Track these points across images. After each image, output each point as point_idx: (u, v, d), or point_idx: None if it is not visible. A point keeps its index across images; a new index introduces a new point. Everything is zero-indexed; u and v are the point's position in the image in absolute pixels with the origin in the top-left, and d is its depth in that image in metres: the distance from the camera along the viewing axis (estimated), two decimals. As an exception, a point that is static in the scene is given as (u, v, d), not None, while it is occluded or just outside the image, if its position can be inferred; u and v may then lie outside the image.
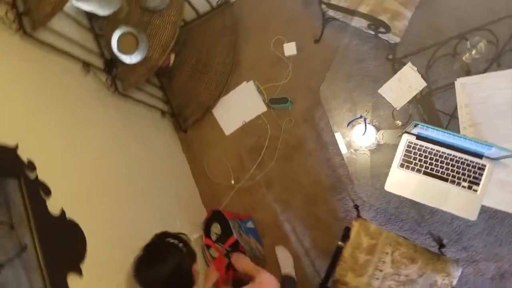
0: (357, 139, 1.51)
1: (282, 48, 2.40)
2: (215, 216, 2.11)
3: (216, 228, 2.09)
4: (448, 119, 1.45)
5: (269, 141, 2.37)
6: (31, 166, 1.07)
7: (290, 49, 2.39)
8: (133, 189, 1.68)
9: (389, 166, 1.45)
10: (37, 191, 1.05)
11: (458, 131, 1.38)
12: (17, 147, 1.05)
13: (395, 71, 1.59)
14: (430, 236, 1.98)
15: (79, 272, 1.10)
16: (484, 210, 1.37)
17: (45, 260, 0.97)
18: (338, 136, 1.55)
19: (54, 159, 1.24)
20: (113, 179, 1.56)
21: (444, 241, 1.96)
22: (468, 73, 1.43)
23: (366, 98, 1.56)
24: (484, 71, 1.41)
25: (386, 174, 1.42)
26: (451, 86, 1.45)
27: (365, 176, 1.56)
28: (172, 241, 1.30)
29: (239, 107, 2.45)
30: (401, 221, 2.05)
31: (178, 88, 2.43)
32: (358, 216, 1.79)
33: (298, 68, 2.37)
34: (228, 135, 2.46)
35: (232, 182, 2.39)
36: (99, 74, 1.73)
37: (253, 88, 2.43)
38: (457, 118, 1.41)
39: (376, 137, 1.48)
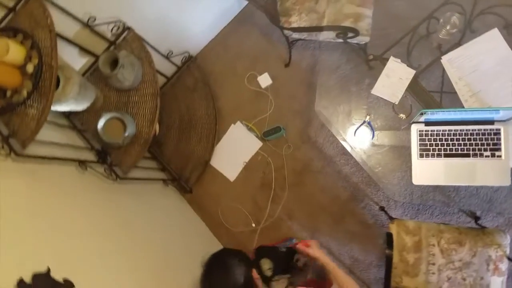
0: (366, 143, 1.51)
1: (257, 82, 2.43)
2: (259, 254, 1.96)
3: (266, 263, 1.94)
4: (440, 96, 1.48)
5: (275, 173, 2.35)
6: (69, 284, 1.04)
7: (264, 80, 2.42)
8: (157, 265, 1.62)
9: (401, 160, 1.45)
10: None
11: (458, 106, 1.40)
12: (49, 270, 1.02)
13: (371, 68, 1.62)
14: (462, 212, 1.97)
15: None
16: None
17: None
18: (347, 147, 1.55)
19: (87, 267, 1.20)
20: (140, 267, 1.51)
21: (478, 213, 1.95)
22: (444, 48, 1.47)
23: (362, 102, 1.57)
24: (460, 41, 1.45)
25: (401, 169, 1.42)
26: (433, 65, 1.48)
27: (384, 176, 1.55)
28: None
29: (236, 150, 2.44)
30: (430, 207, 2.03)
31: (171, 152, 2.41)
32: (389, 217, 1.76)
33: (278, 96, 2.40)
34: (233, 181, 2.43)
35: (253, 225, 2.35)
36: (96, 167, 1.70)
37: (242, 128, 2.44)
38: (447, 92, 1.43)
39: (371, 139, 1.49)
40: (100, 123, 1.66)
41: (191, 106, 2.41)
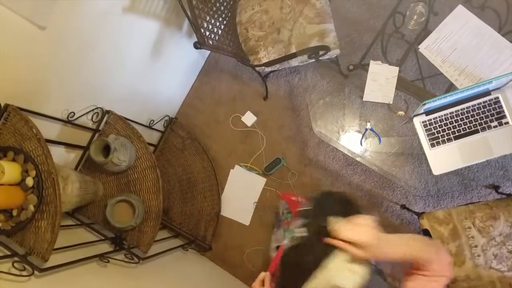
0: (375, 150, 1.52)
1: (242, 122, 2.44)
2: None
3: None
4: (422, 83, 1.52)
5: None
6: None
7: (249, 118, 2.44)
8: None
9: (410, 154, 1.47)
10: None
11: (441, 87, 1.44)
12: None
13: (347, 77, 1.66)
14: (481, 187, 1.98)
15: None
16: None
17: None
18: (358, 158, 1.55)
19: None
20: None
21: (496, 183, 1.97)
22: (416, 38, 1.52)
23: (353, 111, 1.60)
24: (426, 26, 1.50)
25: (408, 163, 1.43)
26: (407, 55, 1.53)
27: (401, 175, 1.56)
28: None
29: (243, 194, 2.41)
30: (450, 192, 2.04)
31: (180, 216, 2.35)
32: (414, 213, 1.76)
33: (267, 129, 2.41)
34: (249, 225, 2.39)
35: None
36: (115, 256, 1.64)
37: (242, 171, 2.42)
38: (428, 77, 1.47)
39: (379, 144, 1.50)
40: (108, 211, 1.62)
41: (186, 165, 2.38)
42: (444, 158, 1.37)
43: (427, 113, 1.39)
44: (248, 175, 2.41)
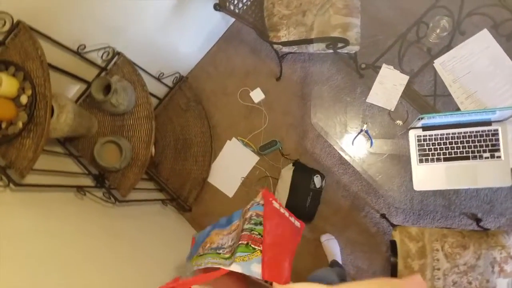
0: (365, 152, 1.52)
1: (250, 98, 2.44)
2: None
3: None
4: (433, 100, 1.49)
5: (274, 186, 2.34)
6: None
7: (257, 95, 2.44)
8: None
9: (400, 166, 1.46)
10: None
11: (452, 108, 1.41)
12: None
13: (362, 76, 1.64)
14: (464, 215, 1.97)
15: None
16: None
17: None
18: (346, 156, 1.55)
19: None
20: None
21: (479, 215, 1.96)
22: (434, 52, 1.49)
23: (355, 110, 1.59)
24: (450, 43, 1.47)
25: (401, 175, 1.42)
26: (424, 69, 1.50)
27: (383, 184, 1.55)
28: None
29: (233, 167, 2.44)
30: (431, 212, 2.04)
31: (168, 173, 2.40)
32: (391, 224, 1.76)
33: (272, 109, 2.41)
34: (232, 197, 2.42)
35: (255, 241, 2.32)
36: (94, 192, 1.69)
37: (238, 144, 2.44)
38: (440, 96, 1.45)
39: (372, 148, 1.50)
40: (96, 148, 1.66)
41: (185, 125, 2.41)
42: (428, 176, 1.37)
43: (424, 128, 1.38)
44: (242, 150, 2.43)
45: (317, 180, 2.15)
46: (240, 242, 1.02)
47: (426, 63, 1.54)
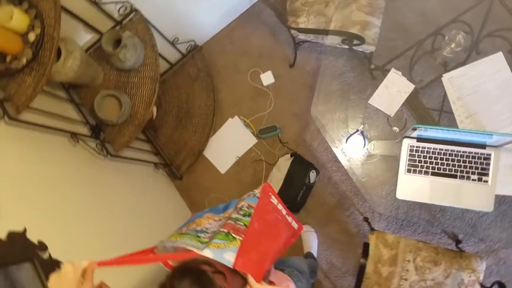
0: (357, 152, 1.52)
1: (259, 79, 2.44)
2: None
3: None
4: (439, 115, 1.48)
5: (266, 171, 2.36)
6: (43, 246, 1.07)
7: (267, 78, 2.43)
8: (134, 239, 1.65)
9: (391, 173, 1.45)
10: (53, 269, 1.04)
11: (455, 126, 1.40)
12: (25, 231, 1.05)
13: (375, 78, 1.62)
14: (445, 234, 1.98)
15: None
16: None
17: None
18: (338, 153, 1.56)
19: (63, 234, 1.22)
20: (122, 243, 1.53)
21: (460, 237, 1.96)
22: (447, 66, 1.47)
23: (358, 111, 1.58)
24: (465, 61, 1.45)
25: (391, 182, 1.42)
26: (435, 82, 1.48)
27: (371, 187, 1.56)
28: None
29: (230, 144, 2.45)
30: (414, 224, 2.04)
31: (166, 138, 2.43)
32: (371, 228, 1.77)
33: (279, 95, 2.40)
34: (224, 174, 2.45)
35: (238, 220, 2.36)
36: (88, 142, 1.72)
37: (239, 123, 2.45)
38: (447, 112, 1.43)
39: (367, 148, 1.49)
40: (97, 100, 1.68)
41: (191, 95, 2.42)
42: (412, 187, 1.37)
43: (419, 139, 1.37)
44: (242, 129, 2.43)
45: (312, 175, 2.17)
46: (221, 229, 0.99)
47: (438, 77, 1.51)
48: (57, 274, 0.76)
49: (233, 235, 0.92)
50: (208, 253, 0.85)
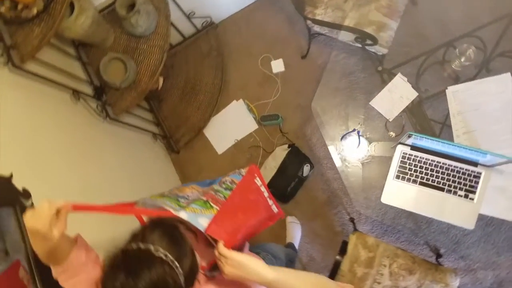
0: (350, 152, 1.52)
1: (269, 66, 2.43)
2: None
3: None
4: (441, 128, 1.46)
5: (262, 158, 2.37)
6: (26, 194, 1.08)
7: (277, 66, 2.42)
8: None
9: (383, 177, 1.46)
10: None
11: (451, 140, 1.39)
12: (11, 176, 1.06)
13: (384, 82, 1.61)
14: (427, 246, 1.98)
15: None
16: (480, 218, 1.36)
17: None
18: (331, 149, 1.56)
19: (49, 186, 1.24)
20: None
21: (441, 251, 1.96)
22: (457, 80, 1.45)
23: (358, 111, 1.57)
24: (474, 77, 1.43)
25: (381, 186, 1.42)
26: (442, 94, 1.46)
27: (360, 189, 1.56)
28: (163, 255, 0.78)
29: (230, 126, 2.46)
30: (398, 232, 2.05)
31: (169, 111, 2.44)
32: (355, 229, 1.78)
33: (287, 85, 2.40)
34: (220, 154, 2.46)
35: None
36: (89, 101, 1.73)
37: (243, 107, 2.45)
38: (449, 126, 1.42)
39: (368, 149, 1.49)
40: (104, 61, 1.69)
41: (200, 72, 2.42)
42: (398, 194, 1.37)
43: (413, 148, 1.37)
44: (245, 113, 2.44)
45: (306, 169, 2.17)
46: (201, 197, 1.01)
47: (444, 89, 1.50)
48: (33, 210, 0.79)
49: (211, 203, 0.95)
50: (183, 215, 0.88)
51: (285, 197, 2.22)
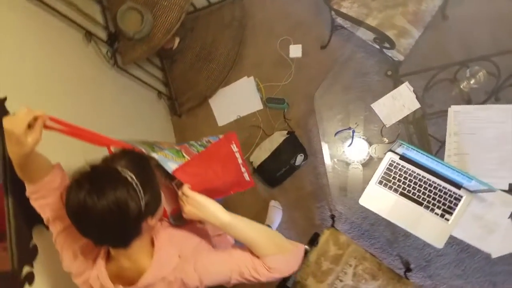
0: (340, 149, 1.52)
1: (287, 49, 2.41)
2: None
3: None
4: (439, 146, 1.44)
5: (259, 139, 2.37)
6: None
7: (295, 51, 2.40)
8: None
9: (368, 181, 1.46)
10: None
11: (442, 158, 1.39)
12: (5, 99, 1.07)
13: (395, 86, 1.59)
14: (399, 258, 1.99)
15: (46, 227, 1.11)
16: (457, 242, 1.36)
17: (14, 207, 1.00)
18: (324, 145, 1.57)
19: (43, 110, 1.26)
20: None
21: (412, 266, 1.97)
22: (466, 101, 1.43)
23: (360, 112, 1.56)
24: (483, 103, 1.41)
25: (361, 188, 1.43)
26: (446, 112, 1.45)
27: (345, 189, 1.57)
28: (129, 177, 0.79)
29: (236, 101, 2.46)
30: (374, 238, 2.06)
31: (179, 73, 2.44)
32: (332, 225, 1.80)
33: (300, 72, 2.38)
34: (220, 126, 2.48)
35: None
36: (100, 46, 1.75)
37: (252, 85, 2.44)
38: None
39: (368, 151, 1.49)
40: (122, 9, 1.69)
41: (218, 40, 2.40)
42: (377, 199, 1.37)
43: (402, 157, 1.37)
44: (253, 91, 2.43)
45: (299, 158, 2.18)
46: (175, 147, 1.05)
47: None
48: (12, 115, 0.83)
49: (183, 153, 1.00)
50: (154, 156, 0.93)
51: (273, 181, 2.24)
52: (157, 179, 0.88)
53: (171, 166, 0.92)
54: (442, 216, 1.31)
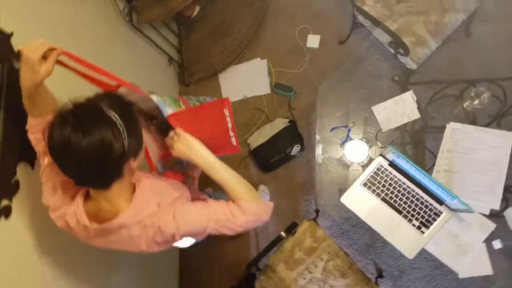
0: (333, 145, 1.53)
1: (305, 38, 2.38)
2: None
3: None
4: (434, 161, 1.44)
5: (261, 123, 2.38)
6: (19, 56, 1.09)
7: (313, 41, 2.37)
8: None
9: (341, 174, 1.47)
10: (17, 80, 1.07)
11: (431, 172, 1.39)
12: (11, 34, 1.08)
13: (403, 91, 1.57)
14: (373, 264, 2.01)
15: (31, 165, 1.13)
16: (432, 258, 1.37)
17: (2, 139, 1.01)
18: (317, 138, 1.57)
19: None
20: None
21: (384, 273, 1.99)
22: (469, 121, 1.42)
23: (361, 112, 1.56)
24: (486, 125, 1.40)
25: (341, 183, 1.45)
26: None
27: (334, 187, 1.58)
28: (113, 117, 0.80)
29: (245, 81, 2.46)
30: (353, 239, 2.08)
31: (194, 42, 2.43)
32: (314, 219, 1.82)
33: (314, 63, 2.36)
34: (226, 103, 2.47)
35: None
36: (118, 1, 1.74)
37: (264, 68, 2.43)
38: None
39: (368, 153, 1.49)
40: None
41: (237, 17, 2.38)
42: (359, 200, 1.39)
43: (391, 164, 1.37)
44: (263, 74, 2.42)
45: (296, 148, 2.18)
46: (173, 97, 1.08)
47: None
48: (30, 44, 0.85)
49: (181, 104, 1.05)
50: (154, 97, 0.97)
51: (265, 166, 2.25)
52: (139, 122, 0.90)
53: (168, 111, 0.95)
54: (418, 228, 1.32)
